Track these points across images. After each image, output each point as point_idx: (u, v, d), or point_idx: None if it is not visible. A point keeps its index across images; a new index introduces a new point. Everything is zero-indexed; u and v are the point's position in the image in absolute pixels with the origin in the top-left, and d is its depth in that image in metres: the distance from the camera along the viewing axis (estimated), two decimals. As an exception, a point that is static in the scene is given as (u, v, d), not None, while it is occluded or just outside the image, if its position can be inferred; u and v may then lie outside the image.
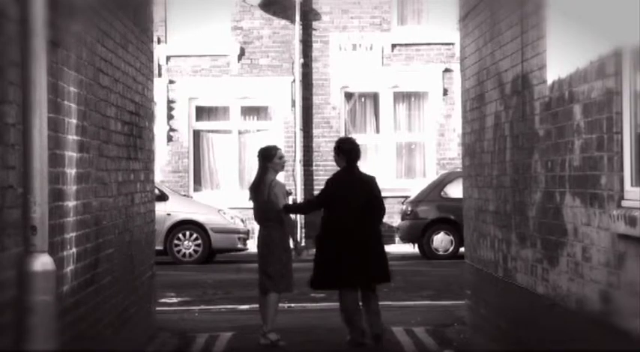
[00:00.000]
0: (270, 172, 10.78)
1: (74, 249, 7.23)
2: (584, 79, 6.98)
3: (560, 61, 7.60)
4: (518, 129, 8.90)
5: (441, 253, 20.70)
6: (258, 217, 10.89)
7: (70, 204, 7.09)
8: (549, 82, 7.90)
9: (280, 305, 12.28)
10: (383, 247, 10.69)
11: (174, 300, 14.89)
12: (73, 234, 7.20)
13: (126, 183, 9.69)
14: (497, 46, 9.75)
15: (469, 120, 11.33)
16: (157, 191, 19.74)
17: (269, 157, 10.76)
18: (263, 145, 11.44)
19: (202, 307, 14.11)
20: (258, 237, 10.94)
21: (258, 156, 10.90)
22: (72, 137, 7.18)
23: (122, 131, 9.50)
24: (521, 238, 8.84)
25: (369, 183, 10.75)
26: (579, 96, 7.08)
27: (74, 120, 7.23)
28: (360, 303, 10.71)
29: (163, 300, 14.49)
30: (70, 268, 7.10)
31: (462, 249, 19.66)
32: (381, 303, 12.02)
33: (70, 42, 7.09)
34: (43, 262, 5.15)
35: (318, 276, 10.45)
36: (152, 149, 11.71)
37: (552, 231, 7.81)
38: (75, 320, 7.28)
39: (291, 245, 10.85)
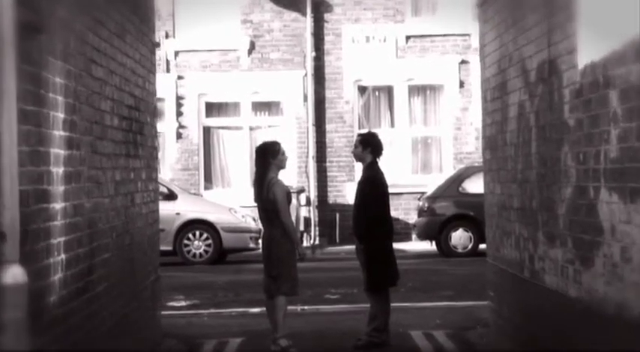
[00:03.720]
0: (273, 169, 10.15)
1: (63, 256, 6.61)
2: (621, 62, 6.40)
3: (593, 43, 7.02)
4: (545, 119, 8.40)
5: (459, 251, 20.30)
6: (261, 217, 10.29)
7: (57, 206, 6.48)
8: (580, 66, 7.33)
9: (292, 307, 12.02)
10: None
11: (183, 303, 14.52)
12: (62, 239, 6.59)
13: (125, 182, 9.10)
14: (521, 31, 9.22)
15: (490, 112, 10.83)
16: (165, 190, 19.92)
17: (274, 153, 10.13)
18: (261, 141, 10.82)
19: (212, 310, 13.73)
20: (262, 238, 10.33)
21: (260, 152, 10.23)
22: (59, 133, 6.57)
23: (120, 126, 8.90)
24: (550, 237, 8.34)
25: None
26: (616, 81, 6.52)
27: (61, 114, 6.62)
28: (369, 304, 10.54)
29: (171, 304, 14.17)
30: (57, 276, 6.49)
31: (481, 246, 19.77)
32: (398, 305, 11.68)
33: (55, 28, 6.47)
34: (13, 274, 4.52)
35: (381, 276, 10.15)
36: (155, 146, 11.09)
37: (585, 229, 7.27)
38: (67, 331, 6.67)
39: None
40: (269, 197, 10.04)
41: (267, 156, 10.20)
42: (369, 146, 10.38)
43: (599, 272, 6.99)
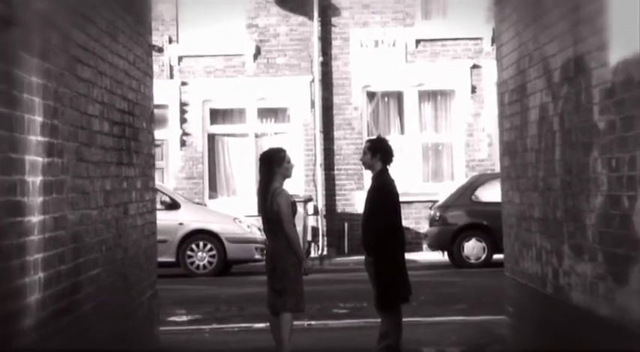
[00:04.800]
0: (278, 178, 9.50)
1: (41, 274, 5.97)
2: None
3: (627, 37, 6.37)
4: (571, 122, 7.88)
5: (472, 261, 19.93)
6: (265, 228, 9.64)
7: (34, 219, 5.84)
8: (612, 63, 6.74)
9: (298, 322, 11.62)
10: None
11: (184, 319, 14.07)
12: (39, 256, 5.94)
13: (116, 192, 8.48)
14: (542, 27, 8.71)
15: (507, 115, 10.34)
16: (168, 199, 19.63)
17: (278, 161, 9.48)
18: (266, 148, 10.18)
19: (214, 326, 13.25)
20: (266, 250, 9.68)
21: (264, 159, 9.56)
22: (36, 138, 5.93)
23: (110, 132, 8.29)
24: (577, 250, 7.80)
25: None
26: (654, 79, 5.85)
27: (39, 118, 5.98)
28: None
29: (172, 319, 13.72)
30: (34, 297, 5.84)
31: (495, 257, 19.66)
32: (409, 319, 11.27)
33: (31, 22, 5.82)
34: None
35: (393, 292, 9.53)
36: (152, 153, 10.49)
37: (619, 242, 6.74)
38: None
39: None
40: (273, 208, 9.40)
41: (272, 164, 9.55)
42: (378, 152, 9.73)
43: (635, 289, 6.41)
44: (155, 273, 10.64)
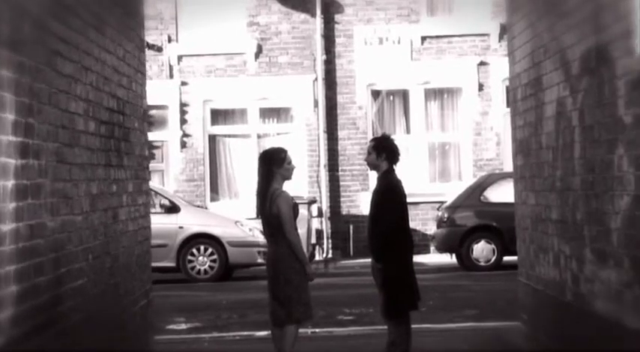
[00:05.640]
0: (277, 179, 8.94)
1: (14, 287, 5.42)
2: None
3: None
4: (593, 117, 7.45)
5: (481, 264, 19.60)
6: (265, 232, 9.09)
7: (5, 227, 5.28)
8: (639, 52, 6.11)
9: (302, 330, 11.08)
10: None
11: (183, 327, 13.67)
12: (12, 268, 5.39)
13: (104, 196, 7.97)
14: (558, 16, 8.23)
15: (521, 112, 10.02)
16: (167, 202, 19.33)
17: (278, 162, 8.93)
18: (267, 148, 9.64)
19: (214, 334, 12.85)
20: (267, 256, 9.12)
21: (263, 159, 9.00)
22: (7, 138, 5.37)
23: (97, 132, 7.78)
24: (600, 255, 7.37)
25: None
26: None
27: (10, 116, 5.44)
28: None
29: (171, 327, 13.35)
30: (7, 313, 5.28)
31: (505, 259, 19.31)
32: (417, 326, 10.82)
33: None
34: None
35: (401, 301, 9.02)
36: (145, 154, 9.94)
37: None
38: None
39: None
40: (272, 211, 8.84)
41: (271, 165, 8.99)
42: (384, 151, 9.18)
43: (668, 299, 5.85)
44: (149, 281, 10.13)
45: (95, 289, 7.50)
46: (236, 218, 19.88)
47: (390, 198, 9.07)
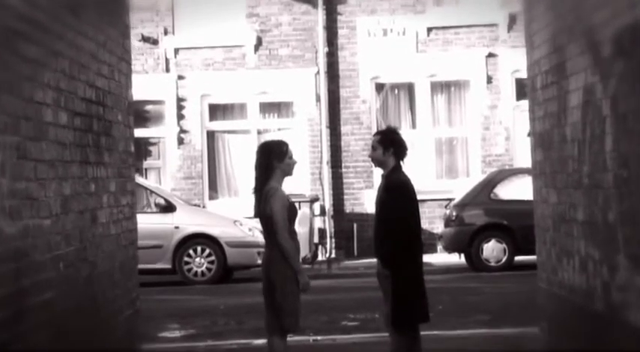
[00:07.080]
0: (277, 175, 8.19)
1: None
2: None
3: None
4: (628, 105, 6.84)
5: (492, 264, 19.23)
6: (263, 233, 8.39)
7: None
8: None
9: (303, 338, 11.23)
10: None
11: (177, 334, 13.17)
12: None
13: (80, 197, 7.27)
14: None
15: (541, 102, 9.59)
16: (162, 201, 19.02)
17: (280, 155, 8.17)
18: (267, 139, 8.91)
19: (209, 342, 12.35)
20: (262, 260, 8.44)
21: (262, 151, 8.23)
22: (-52, 129, 4.57)
23: (70, 125, 7.08)
24: (637, 261, 6.73)
25: None
26: None
27: (-48, 103, 4.62)
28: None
29: (163, 334, 12.88)
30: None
31: (516, 259, 18.92)
32: (426, 333, 10.42)
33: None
34: None
35: (410, 312, 8.40)
36: (130, 150, 9.20)
37: None
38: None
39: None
40: (266, 211, 8.07)
41: (272, 158, 8.22)
42: (391, 146, 8.43)
43: None
44: (136, 289, 9.45)
45: (68, 302, 6.73)
46: (235, 217, 19.64)
47: (399, 197, 8.33)
